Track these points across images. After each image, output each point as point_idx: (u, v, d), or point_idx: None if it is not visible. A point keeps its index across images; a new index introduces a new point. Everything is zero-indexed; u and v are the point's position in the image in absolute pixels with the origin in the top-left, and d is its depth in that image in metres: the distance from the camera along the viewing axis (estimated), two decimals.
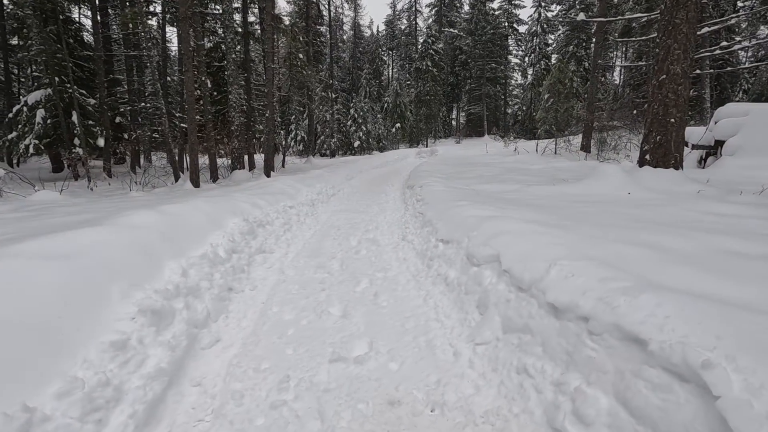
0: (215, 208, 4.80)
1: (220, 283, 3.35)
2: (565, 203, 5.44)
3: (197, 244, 3.77)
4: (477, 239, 3.40)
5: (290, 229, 5.93)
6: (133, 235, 3.06)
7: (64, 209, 6.01)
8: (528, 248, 2.74)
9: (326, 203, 8.57)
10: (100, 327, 2.04)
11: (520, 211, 4.43)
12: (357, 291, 3.66)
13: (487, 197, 6.03)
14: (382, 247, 5.07)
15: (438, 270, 3.79)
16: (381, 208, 7.81)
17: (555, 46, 38.21)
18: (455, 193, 6.27)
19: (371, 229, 6.06)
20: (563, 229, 3.28)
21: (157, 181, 12.80)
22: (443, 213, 4.81)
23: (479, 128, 43.48)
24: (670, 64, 6.45)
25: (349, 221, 6.69)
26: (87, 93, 16.37)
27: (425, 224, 5.02)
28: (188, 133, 11.02)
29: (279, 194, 7.17)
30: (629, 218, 4.45)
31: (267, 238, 5.08)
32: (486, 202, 5.35)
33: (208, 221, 4.36)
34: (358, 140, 31.45)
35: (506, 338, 2.29)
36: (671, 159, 6.76)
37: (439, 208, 5.22)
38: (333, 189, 10.35)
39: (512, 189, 7.05)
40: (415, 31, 48.63)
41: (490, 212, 4.17)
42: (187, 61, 10.70)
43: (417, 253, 4.57)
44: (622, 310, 1.75)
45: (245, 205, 5.50)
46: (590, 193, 6.19)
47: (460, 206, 4.77)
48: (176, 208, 4.17)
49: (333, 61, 31.85)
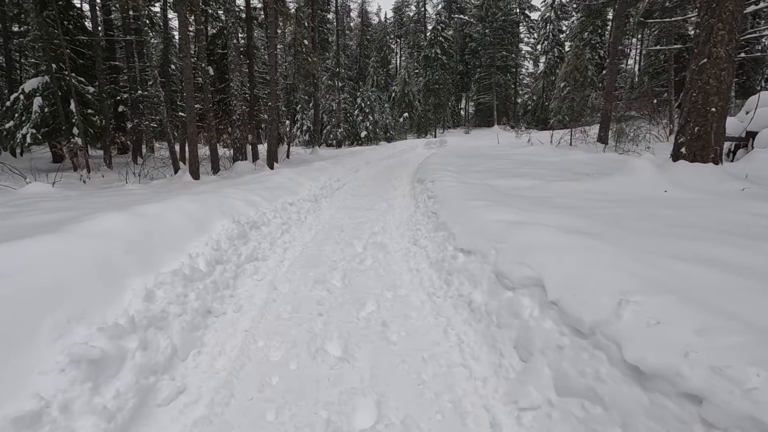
0: (202, 208, 4.26)
1: (195, 307, 2.76)
2: (595, 203, 4.88)
3: (173, 254, 3.18)
4: (507, 253, 2.84)
5: (289, 230, 5.34)
6: (93, 246, 2.53)
7: (49, 204, 5.58)
8: (577, 270, 2.19)
9: (330, 198, 8.03)
10: (11, 387, 1.55)
11: (549, 214, 3.87)
12: (361, 317, 3.03)
13: (505, 195, 5.47)
14: (390, 254, 4.48)
15: (459, 289, 3.17)
16: (389, 204, 7.23)
17: (568, 33, 36.95)
18: (470, 190, 5.71)
19: (378, 231, 5.44)
20: (609, 241, 2.73)
21: (156, 173, 12.37)
22: (460, 214, 4.26)
23: (489, 118, 42.48)
24: (713, 46, 5.78)
25: (354, 220, 6.13)
26: (86, 81, 15.92)
27: (439, 227, 4.47)
28: (187, 123, 10.54)
29: (279, 189, 6.66)
30: (675, 223, 3.89)
31: (260, 243, 4.49)
32: (506, 201, 4.80)
33: (192, 224, 3.80)
34: (365, 130, 30.79)
35: (563, 405, 1.70)
36: (710, 152, 6.13)
37: (454, 208, 4.67)
38: (338, 182, 9.83)
39: (531, 185, 6.48)
40: (424, 17, 47.43)
41: (515, 216, 3.63)
42: (185, 46, 10.17)
43: (431, 263, 4.00)
44: (762, 396, 1.20)
45: (238, 203, 4.93)
46: (621, 191, 5.61)
47: (479, 207, 4.22)
48: (155, 209, 3.64)
49: (340, 49, 31.05)
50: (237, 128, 13.32)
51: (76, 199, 6.51)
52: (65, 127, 14.17)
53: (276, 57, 13.23)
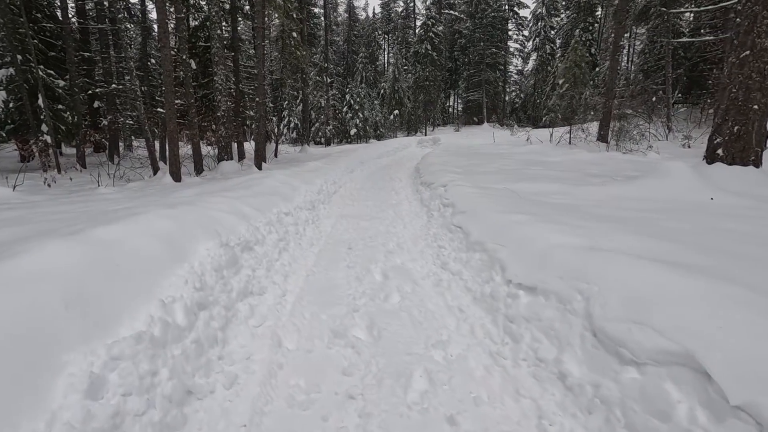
0: (180, 225, 3.35)
1: (167, 391, 1.84)
2: (641, 214, 4.26)
3: (139, 302, 2.23)
4: (608, 303, 2.06)
5: (287, 248, 4.50)
6: (17, 303, 1.70)
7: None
8: (754, 347, 1.49)
9: (328, 204, 7.23)
10: None
11: (610, 232, 3.22)
12: (412, 404, 2.07)
13: (536, 203, 4.82)
14: (419, 284, 3.62)
15: (535, 349, 2.28)
16: (396, 212, 6.47)
17: (558, 30, 36.72)
18: (494, 198, 5.03)
19: (394, 248, 4.62)
20: (732, 280, 2.05)
21: (133, 174, 11.40)
22: (499, 232, 3.55)
23: (478, 115, 42.04)
24: (757, 36, 5.23)
25: (361, 233, 5.35)
26: (56, 73, 14.75)
27: (472, 247, 3.77)
28: (166, 119, 9.63)
29: (271, 195, 5.86)
30: (750, 240, 3.28)
31: (255, 269, 3.61)
32: (545, 213, 4.13)
33: (166, 250, 2.88)
34: (355, 128, 29.97)
35: None
36: (750, 154, 5.60)
37: (486, 222, 3.97)
38: (334, 185, 9.06)
39: (556, 190, 5.85)
40: (414, 13, 46.68)
41: (576, 237, 2.96)
42: (164, 35, 9.25)
43: (475, 298, 3.19)
44: None
45: (225, 216, 4.08)
46: (659, 198, 5.02)
47: (520, 222, 3.55)
48: (117, 232, 2.73)
49: (328, 44, 30.10)
50: (222, 125, 12.42)
51: (35, 208, 5.63)
52: (33, 123, 13.05)
53: (264, 49, 12.36)
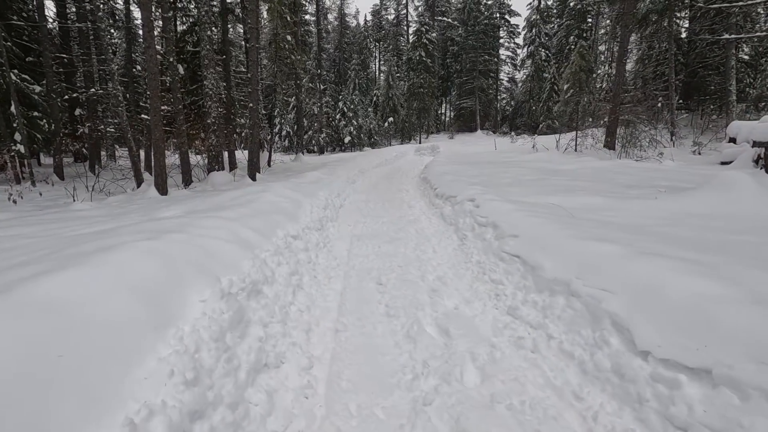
0: (166, 266, 2.43)
1: None
2: (730, 235, 3.53)
3: (89, 429, 1.32)
4: None
5: (301, 284, 3.54)
6: None
7: None
8: None
9: (336, 221, 6.33)
10: None
11: (743, 269, 2.47)
12: None
13: (598, 223, 4.06)
14: (495, 345, 2.58)
15: None
16: (417, 230, 5.60)
17: (553, 38, 36.64)
18: (547, 218, 4.24)
19: (436, 283, 3.62)
20: None
21: (114, 186, 10.43)
22: (586, 269, 2.72)
23: (471, 123, 41.65)
24: None
25: (387, 261, 4.38)
26: (32, 79, 13.73)
27: (548, 287, 2.95)
28: (151, 127, 8.74)
29: (274, 213, 5.02)
30: None
31: (268, 325, 2.61)
32: (628, 239, 3.36)
33: (145, 311, 1.97)
34: (349, 135, 29.23)
35: None
36: None
37: (556, 251, 3.16)
38: (338, 197, 8.22)
39: (600, 204, 5.13)
40: (406, 19, 46.38)
41: (715, 282, 2.18)
42: (149, 34, 8.40)
43: (585, 371, 2.22)
44: None
45: (225, 248, 3.16)
46: (733, 215, 4.31)
47: (615, 256, 2.77)
48: (72, 287, 1.83)
49: (320, 50, 29.43)
50: (212, 133, 11.53)
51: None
52: (5, 132, 12.00)
53: (257, 52, 11.56)
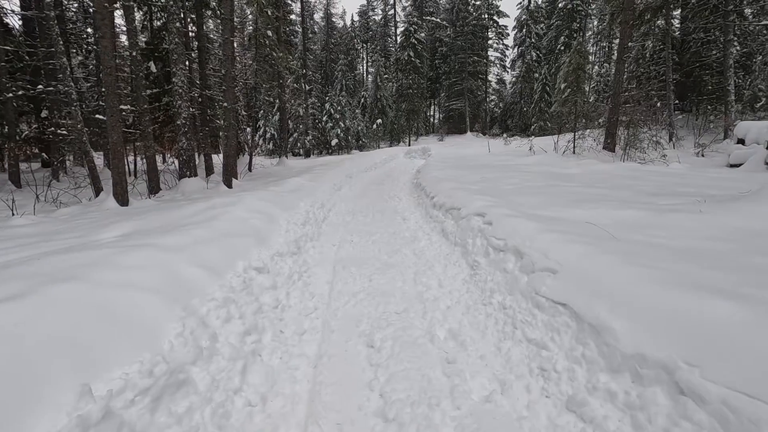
0: (8, 356, 1.53)
1: None
2: None
3: None
4: None
5: (259, 354, 2.49)
6: None
7: None
8: None
9: (318, 239, 5.31)
10: None
11: None
12: None
13: (650, 247, 3.14)
14: None
15: None
16: (416, 253, 4.64)
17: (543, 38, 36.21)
18: (588, 244, 3.28)
19: (450, 344, 2.73)
20: None
21: (68, 197, 9.24)
22: (693, 342, 1.78)
23: (461, 125, 40.97)
24: None
25: (380, 303, 3.37)
26: None
27: (628, 367, 1.85)
28: (108, 129, 7.61)
29: (239, 236, 3.99)
30: None
31: None
32: (716, 278, 2.45)
33: None
34: (336, 138, 28.18)
35: None
36: None
37: (631, 305, 2.21)
38: (322, 209, 7.21)
39: (638, 220, 4.22)
40: (394, 20, 45.54)
41: None
42: (102, 22, 7.28)
43: None
44: None
45: (144, 301, 2.14)
46: None
47: (736, 323, 1.87)
48: None
49: (306, 50, 28.35)
50: (183, 135, 10.41)
51: None
52: None
53: (232, 45, 10.50)
